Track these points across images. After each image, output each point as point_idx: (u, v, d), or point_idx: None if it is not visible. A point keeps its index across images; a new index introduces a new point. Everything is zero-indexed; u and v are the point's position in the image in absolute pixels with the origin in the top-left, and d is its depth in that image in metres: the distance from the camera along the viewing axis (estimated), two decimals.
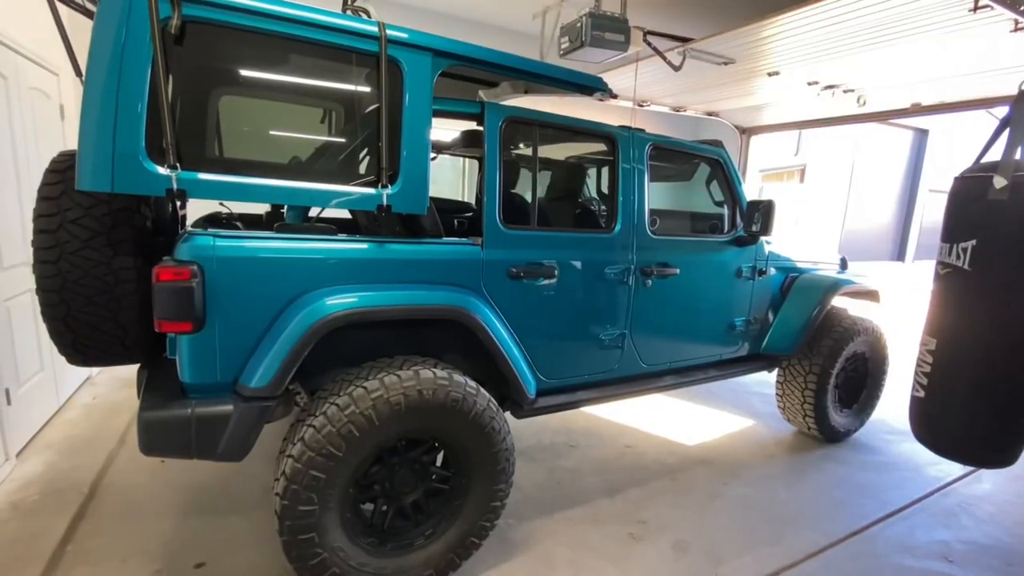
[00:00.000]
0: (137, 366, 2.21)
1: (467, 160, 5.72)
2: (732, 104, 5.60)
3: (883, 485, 3.22)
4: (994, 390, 2.04)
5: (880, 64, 3.87)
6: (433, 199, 2.11)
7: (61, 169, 1.90)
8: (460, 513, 2.16)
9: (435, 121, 2.08)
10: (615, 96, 2.63)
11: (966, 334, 2.09)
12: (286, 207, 2.27)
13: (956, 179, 2.16)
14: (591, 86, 2.41)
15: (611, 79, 4.71)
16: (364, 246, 1.98)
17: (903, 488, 3.18)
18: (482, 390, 2.09)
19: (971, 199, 2.06)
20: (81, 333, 1.92)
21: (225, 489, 2.79)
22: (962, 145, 13.90)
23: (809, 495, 3.05)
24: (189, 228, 1.89)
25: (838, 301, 3.56)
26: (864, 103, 4.97)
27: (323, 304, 1.82)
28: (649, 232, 2.74)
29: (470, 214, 3.49)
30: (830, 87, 4.54)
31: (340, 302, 1.85)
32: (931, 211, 15.19)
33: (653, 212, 2.80)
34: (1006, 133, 1.99)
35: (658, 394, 3.72)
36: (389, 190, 1.92)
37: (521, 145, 2.87)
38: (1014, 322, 1.97)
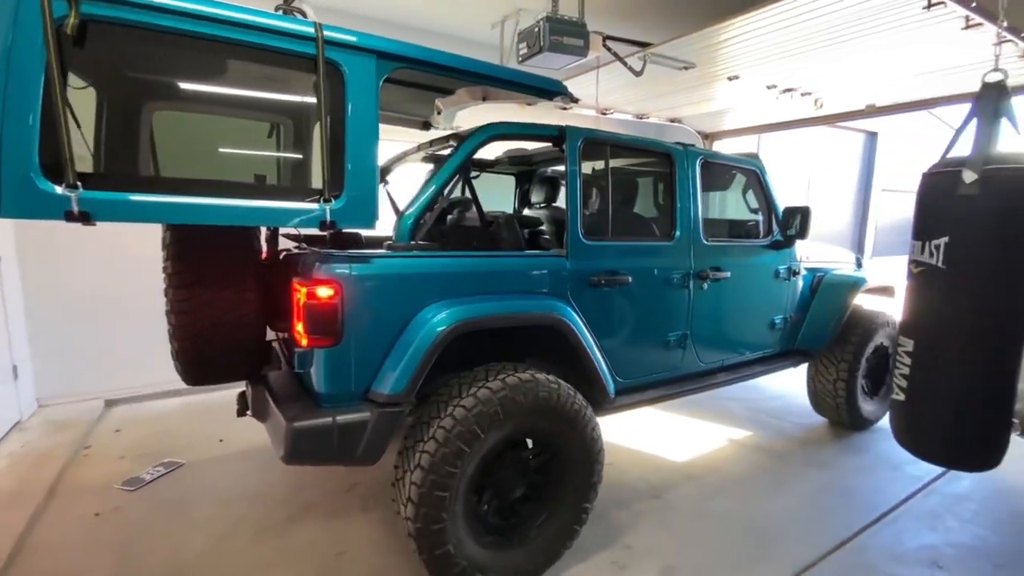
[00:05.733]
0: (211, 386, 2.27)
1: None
2: (694, 110, 5.62)
3: (867, 488, 3.15)
4: (974, 390, 1.98)
5: (836, 66, 3.90)
6: (515, 216, 2.48)
7: None
8: (556, 514, 2.28)
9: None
10: (576, 100, 2.52)
11: (943, 334, 2.03)
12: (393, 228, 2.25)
13: (924, 175, 2.11)
14: (551, 89, 2.29)
15: (572, 87, 4.64)
16: (477, 260, 2.22)
17: (886, 490, 3.12)
18: (578, 393, 2.24)
19: (941, 195, 2.00)
20: (205, 352, 2.04)
21: (171, 553, 2.51)
22: (911, 146, 14.48)
23: (795, 504, 2.95)
24: (314, 250, 2.08)
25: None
26: (821, 106, 5.04)
27: (451, 313, 2.00)
28: (703, 239, 2.94)
29: (533, 228, 3.33)
30: (788, 90, 4.57)
31: (465, 311, 2.03)
32: (884, 210, 15.77)
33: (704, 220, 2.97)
34: (972, 127, 1.95)
35: (691, 395, 3.42)
36: (332, 205, 1.74)
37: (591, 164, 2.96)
38: (991, 320, 1.91)
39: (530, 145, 3.28)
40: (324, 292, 1.80)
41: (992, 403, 1.95)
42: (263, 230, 2.47)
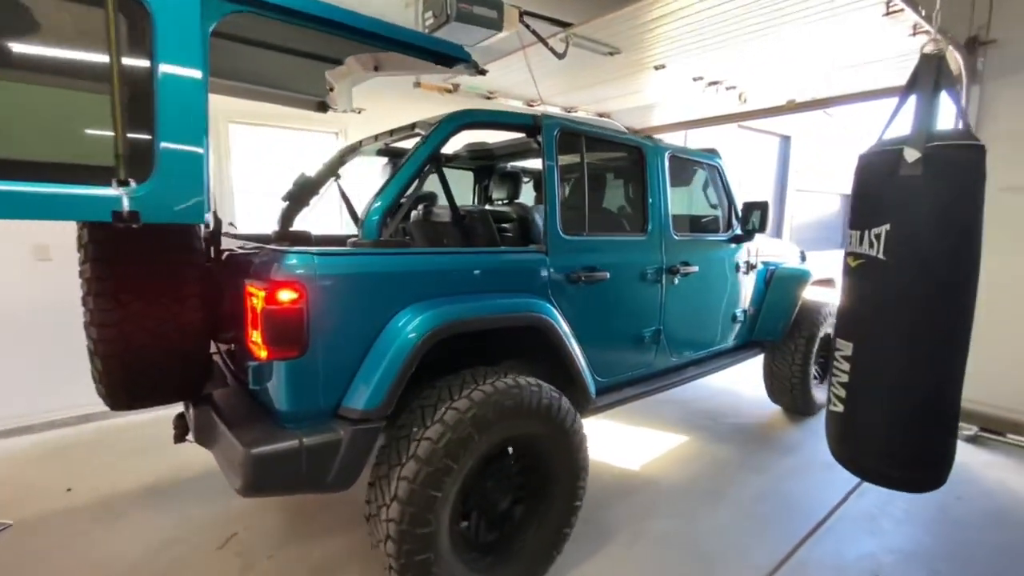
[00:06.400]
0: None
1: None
2: (623, 103, 5.47)
3: (802, 492, 3.02)
4: (925, 399, 1.75)
5: (759, 57, 3.82)
6: (488, 211, 2.40)
7: None
8: (544, 522, 2.15)
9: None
10: (483, 72, 2.17)
11: (887, 334, 1.79)
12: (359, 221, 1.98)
13: (861, 156, 1.89)
14: (450, 55, 1.92)
15: (495, 71, 4.31)
16: (458, 257, 2.05)
17: (821, 493, 3.01)
18: (564, 397, 2.10)
19: (880, 178, 1.77)
20: (136, 370, 1.72)
21: None
22: (819, 148, 15.43)
23: (733, 518, 2.76)
24: (271, 247, 1.77)
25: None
26: (745, 100, 5.03)
27: (433, 315, 1.80)
28: (673, 234, 2.90)
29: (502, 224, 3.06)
30: (714, 83, 4.48)
31: (448, 312, 1.84)
32: (799, 209, 16.78)
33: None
34: (912, 105, 1.76)
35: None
36: (133, 190, 1.27)
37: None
38: (940, 317, 1.72)
39: (489, 138, 3.06)
40: (286, 295, 1.57)
41: (942, 414, 1.75)
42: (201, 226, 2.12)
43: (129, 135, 1.26)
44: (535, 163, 3.53)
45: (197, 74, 1.36)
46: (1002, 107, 3.71)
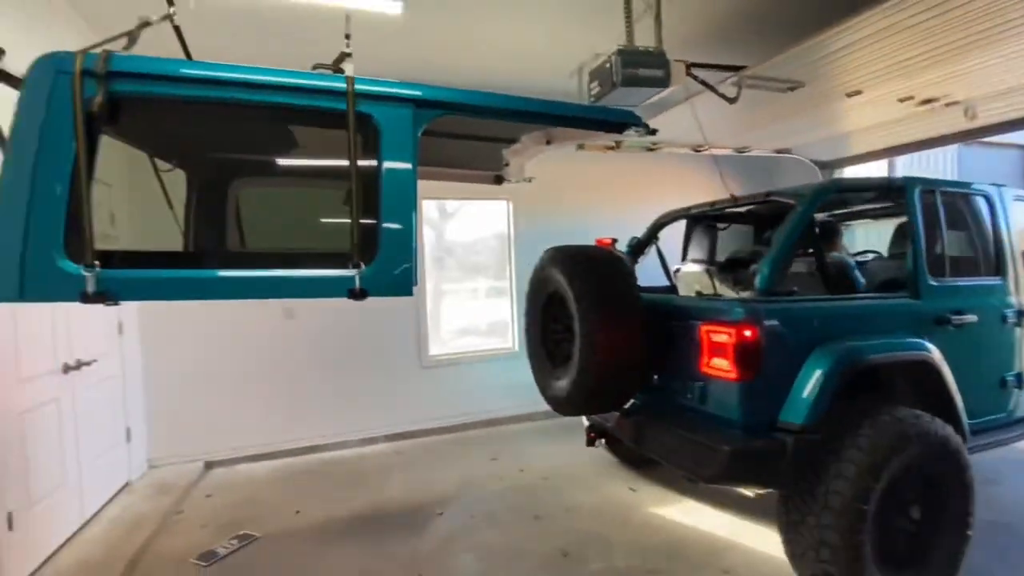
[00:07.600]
0: None
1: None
2: (807, 137, 4.95)
3: None
4: None
5: (989, 68, 3.15)
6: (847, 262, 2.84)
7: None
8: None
9: None
10: (653, 131, 2.17)
11: None
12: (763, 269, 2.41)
13: None
14: (620, 121, 1.97)
15: (658, 124, 4.29)
16: (855, 303, 2.53)
17: None
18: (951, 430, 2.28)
19: None
20: (603, 387, 2.36)
21: None
22: None
23: None
24: (721, 297, 2.71)
25: None
26: (974, 116, 4.14)
27: (851, 350, 2.20)
28: (1022, 275, 2.99)
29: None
30: (928, 101, 3.80)
31: (866, 349, 2.25)
32: None
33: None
34: None
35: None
36: (363, 271, 1.53)
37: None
38: None
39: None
40: (749, 332, 2.10)
41: None
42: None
43: (361, 222, 1.54)
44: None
45: (411, 170, 1.62)
46: None
